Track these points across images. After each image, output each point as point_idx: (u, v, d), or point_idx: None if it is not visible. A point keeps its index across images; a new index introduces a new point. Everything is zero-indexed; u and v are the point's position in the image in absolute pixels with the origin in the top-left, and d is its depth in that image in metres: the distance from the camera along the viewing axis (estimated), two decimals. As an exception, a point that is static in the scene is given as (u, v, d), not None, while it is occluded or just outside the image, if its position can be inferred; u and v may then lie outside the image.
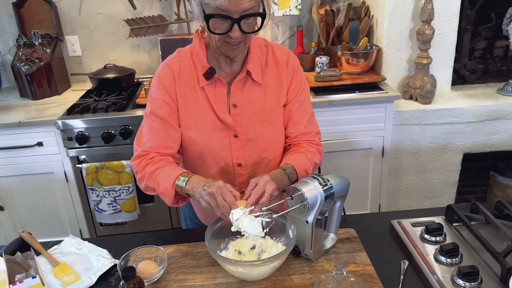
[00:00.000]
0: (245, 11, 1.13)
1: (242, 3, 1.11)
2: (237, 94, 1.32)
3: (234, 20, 1.13)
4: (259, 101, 1.33)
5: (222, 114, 1.30)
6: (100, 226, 2.46)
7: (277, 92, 1.35)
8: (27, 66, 2.50)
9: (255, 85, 1.33)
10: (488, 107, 2.40)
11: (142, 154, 1.29)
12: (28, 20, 2.72)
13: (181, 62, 1.32)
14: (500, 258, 1.04)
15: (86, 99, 2.45)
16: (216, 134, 1.31)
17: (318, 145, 1.41)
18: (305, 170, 1.30)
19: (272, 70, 1.36)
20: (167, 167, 1.25)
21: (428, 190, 2.62)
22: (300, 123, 1.38)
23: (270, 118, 1.34)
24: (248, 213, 1.08)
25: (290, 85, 1.37)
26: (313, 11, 2.71)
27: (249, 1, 1.12)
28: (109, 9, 2.73)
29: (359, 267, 1.15)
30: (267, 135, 1.34)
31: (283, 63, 1.36)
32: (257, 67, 1.32)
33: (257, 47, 1.34)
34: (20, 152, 2.29)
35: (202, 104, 1.31)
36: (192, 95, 1.31)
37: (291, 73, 1.37)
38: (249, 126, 1.32)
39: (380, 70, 2.53)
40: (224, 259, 1.06)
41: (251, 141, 1.33)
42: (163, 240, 1.30)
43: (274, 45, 1.39)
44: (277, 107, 1.35)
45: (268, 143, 1.35)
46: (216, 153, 1.33)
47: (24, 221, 2.45)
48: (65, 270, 1.17)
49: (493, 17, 2.75)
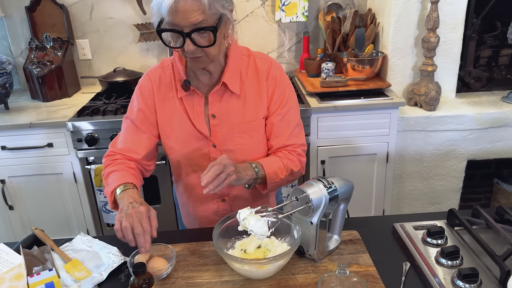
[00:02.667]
0: (194, 25, 1.13)
1: (190, 18, 1.11)
2: (215, 105, 1.32)
3: (185, 34, 1.14)
4: (238, 112, 1.33)
5: (198, 125, 1.32)
6: (107, 226, 2.50)
7: (256, 104, 1.34)
8: (38, 69, 2.56)
9: (233, 96, 1.33)
10: (493, 115, 2.43)
11: (109, 154, 1.37)
12: (40, 24, 2.77)
13: (162, 72, 1.35)
14: (499, 261, 1.07)
15: (95, 102, 2.50)
16: (195, 143, 1.34)
17: (300, 155, 1.39)
18: (275, 171, 1.29)
19: (253, 81, 1.34)
20: (121, 172, 1.28)
21: (432, 196, 2.64)
22: (282, 135, 1.36)
23: (249, 129, 1.34)
24: (255, 213, 1.11)
25: (272, 97, 1.35)
26: (319, 18, 2.75)
27: (197, 15, 1.11)
28: (119, 14, 2.78)
29: (361, 268, 1.17)
30: (245, 146, 1.34)
31: (263, 74, 1.35)
32: (234, 78, 1.32)
33: (237, 57, 1.33)
34: (30, 153, 2.34)
35: (180, 114, 1.33)
36: (171, 105, 1.34)
37: (272, 85, 1.35)
38: (227, 137, 1.33)
39: (385, 77, 2.56)
40: (230, 257, 1.10)
41: (230, 152, 1.34)
42: (171, 239, 1.33)
43: (257, 55, 1.38)
44: (256, 119, 1.34)
45: (247, 154, 1.35)
46: (195, 162, 1.35)
47: (33, 221, 2.49)
48: (77, 266, 1.20)
49: (498, 25, 2.78)
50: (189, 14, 1.11)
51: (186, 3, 1.10)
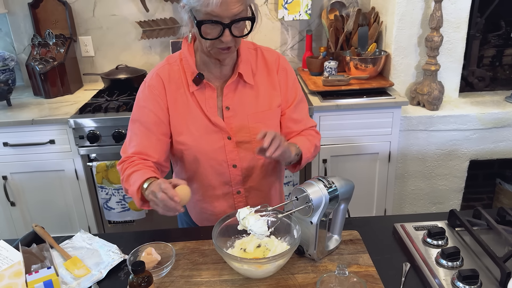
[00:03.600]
0: (235, 16, 1.16)
1: (232, 8, 1.15)
2: (229, 97, 1.34)
3: (225, 25, 1.16)
4: (251, 102, 1.36)
5: (213, 118, 1.32)
6: (109, 223, 2.50)
7: (269, 94, 1.38)
8: (41, 65, 2.56)
9: (247, 87, 1.36)
10: (496, 115, 2.41)
11: (124, 159, 1.32)
12: (43, 20, 2.77)
13: (170, 69, 1.34)
14: (500, 263, 1.06)
15: (98, 99, 2.50)
16: (209, 137, 1.34)
17: (317, 133, 1.49)
18: (307, 148, 1.37)
19: (262, 73, 1.39)
20: (141, 171, 1.26)
21: (434, 196, 2.63)
22: (301, 121, 1.44)
23: (264, 118, 1.37)
24: (254, 213, 1.11)
25: (286, 87, 1.40)
26: (322, 16, 2.74)
27: (239, 5, 1.15)
28: (122, 11, 2.78)
29: (361, 268, 1.17)
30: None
31: (273, 65, 1.39)
32: (248, 69, 1.35)
33: (246, 50, 1.37)
34: (32, 149, 2.34)
35: (193, 109, 1.33)
36: (183, 101, 1.33)
37: (284, 76, 1.40)
38: (243, 128, 1.35)
39: (388, 76, 2.55)
40: (230, 256, 1.09)
41: (246, 143, 1.36)
42: (171, 237, 1.33)
43: (263, 48, 1.42)
44: (270, 108, 1.38)
45: (261, 145, 1.35)
46: (210, 156, 1.35)
47: (35, 217, 2.50)
48: (76, 263, 1.21)
49: (502, 25, 2.76)
50: (232, 5, 1.14)
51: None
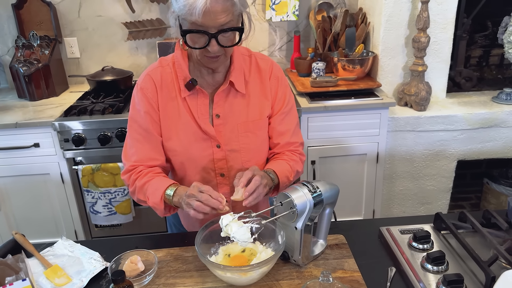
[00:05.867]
0: (222, 26, 1.13)
1: (218, 19, 1.11)
2: (220, 104, 1.32)
3: (211, 35, 1.14)
4: (242, 111, 1.33)
5: (204, 125, 1.30)
6: (95, 227, 2.47)
7: (260, 103, 1.35)
8: (25, 67, 2.52)
9: (238, 96, 1.33)
10: (483, 115, 2.42)
11: (130, 169, 1.31)
12: (27, 22, 2.73)
13: (163, 71, 1.33)
14: (484, 267, 1.05)
15: (83, 101, 2.47)
16: (198, 144, 1.32)
17: (301, 154, 1.43)
18: (286, 176, 1.32)
19: (255, 81, 1.36)
20: (155, 179, 1.26)
21: (422, 196, 2.64)
22: (286, 133, 1.39)
23: (254, 128, 1.35)
24: (238, 219, 1.09)
25: (276, 96, 1.37)
26: (310, 17, 2.73)
27: (225, 16, 1.12)
28: (108, 12, 2.74)
29: (346, 273, 1.16)
30: (250, 145, 1.35)
31: (266, 73, 1.36)
32: (240, 77, 1.32)
33: (240, 57, 1.34)
34: (16, 153, 2.30)
35: (184, 114, 1.31)
36: (174, 105, 1.31)
37: (275, 84, 1.37)
38: (232, 136, 1.33)
39: (376, 77, 2.55)
40: (213, 264, 1.08)
41: (235, 152, 1.34)
42: (155, 243, 1.32)
43: (258, 55, 1.39)
44: (260, 117, 1.35)
45: (252, 154, 1.35)
46: (198, 163, 1.33)
47: (20, 222, 2.46)
48: (57, 272, 1.18)
49: (489, 25, 2.77)
50: (218, 15, 1.11)
51: (218, 4, 1.10)
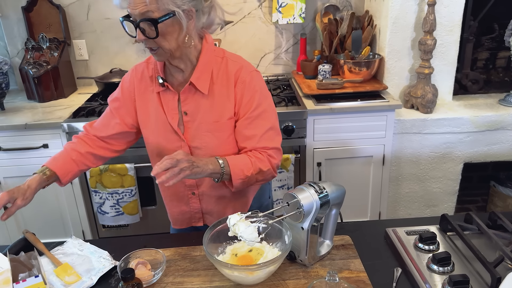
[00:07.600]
0: (142, 15, 1.18)
1: (136, 7, 1.17)
2: (187, 102, 1.36)
3: (135, 23, 1.20)
4: (206, 111, 1.36)
5: (171, 120, 1.37)
6: (103, 228, 2.50)
7: (223, 105, 1.35)
8: (34, 69, 2.55)
9: (202, 95, 1.35)
10: (489, 117, 2.42)
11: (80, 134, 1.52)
12: (37, 24, 2.77)
13: (145, 67, 1.43)
14: (490, 268, 1.06)
15: (91, 103, 2.50)
16: (168, 136, 1.39)
17: (270, 156, 1.36)
18: (241, 169, 1.29)
19: (222, 83, 1.35)
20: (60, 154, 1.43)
21: (428, 198, 2.64)
22: (252, 138, 1.35)
23: (213, 129, 1.35)
24: (245, 219, 1.11)
25: (241, 100, 1.34)
26: (316, 19, 2.74)
27: (143, 6, 1.16)
28: (116, 14, 2.77)
29: (352, 273, 1.17)
30: (210, 144, 1.37)
31: (232, 77, 1.35)
32: (204, 77, 1.33)
33: (211, 58, 1.35)
34: (25, 154, 2.33)
35: (157, 108, 1.39)
36: (151, 98, 1.41)
37: (241, 88, 1.34)
38: (196, 134, 1.37)
39: (382, 79, 2.56)
40: (220, 263, 1.09)
41: (197, 149, 1.38)
42: (163, 243, 1.33)
43: (231, 58, 1.38)
44: (220, 120, 1.35)
45: (212, 153, 1.35)
46: (166, 154, 1.31)
47: (28, 222, 2.49)
48: (67, 270, 1.20)
49: (496, 28, 2.77)
50: (136, 4, 1.17)
51: None
